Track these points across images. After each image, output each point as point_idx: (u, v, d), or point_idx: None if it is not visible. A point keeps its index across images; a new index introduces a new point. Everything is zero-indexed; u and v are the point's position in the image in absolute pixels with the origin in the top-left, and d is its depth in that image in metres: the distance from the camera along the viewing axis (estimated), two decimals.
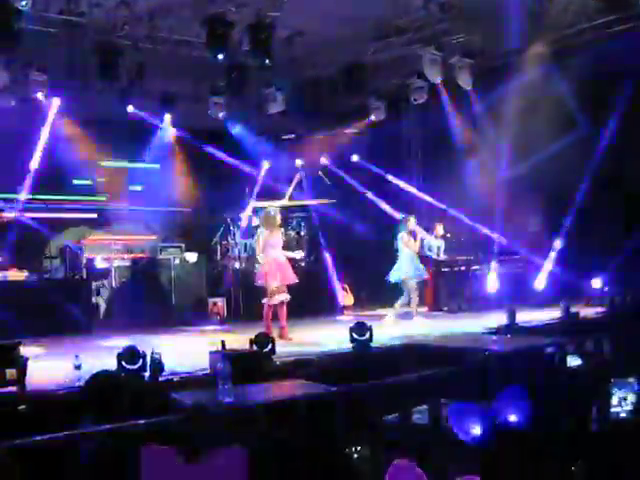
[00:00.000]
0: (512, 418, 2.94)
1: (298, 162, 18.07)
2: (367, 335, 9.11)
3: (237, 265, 15.33)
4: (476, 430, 2.93)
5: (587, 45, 13.42)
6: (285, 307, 11.38)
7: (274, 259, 11.32)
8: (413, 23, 13.96)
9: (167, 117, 16.07)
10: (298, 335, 11.37)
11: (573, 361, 7.70)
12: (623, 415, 4.65)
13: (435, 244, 15.13)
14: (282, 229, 12.25)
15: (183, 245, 15.23)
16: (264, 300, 11.37)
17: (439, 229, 15.32)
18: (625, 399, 4.75)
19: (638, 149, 14.07)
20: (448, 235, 15.43)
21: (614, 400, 4.75)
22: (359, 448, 4.69)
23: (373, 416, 5.47)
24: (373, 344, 9.14)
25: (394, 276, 13.38)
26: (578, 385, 5.85)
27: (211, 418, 4.40)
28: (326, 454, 4.21)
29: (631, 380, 4.77)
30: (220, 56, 12.36)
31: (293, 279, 11.50)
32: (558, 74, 13.72)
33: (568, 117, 13.99)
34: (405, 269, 13.33)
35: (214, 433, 4.07)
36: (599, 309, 12.82)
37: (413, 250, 13.50)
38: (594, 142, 13.87)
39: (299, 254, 12.99)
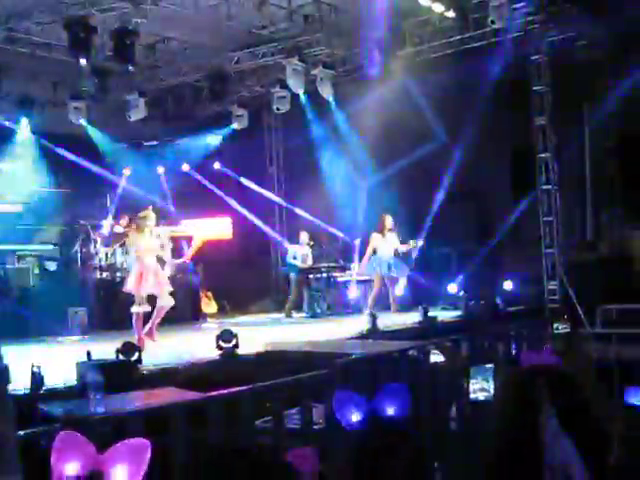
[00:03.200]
0: (390, 411, 3.09)
1: (160, 169, 17.87)
2: (233, 342, 9.17)
3: (98, 274, 15.02)
4: (356, 417, 3.07)
5: (444, 60, 14.03)
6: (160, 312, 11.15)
7: (145, 265, 10.98)
8: (277, 33, 14.17)
9: (24, 120, 15.55)
10: (163, 343, 11.24)
11: (435, 357, 8.04)
12: (482, 399, 4.90)
13: (300, 252, 15.39)
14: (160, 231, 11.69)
15: (44, 254, 14.81)
16: (133, 308, 11.06)
17: (304, 237, 15.55)
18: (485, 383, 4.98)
19: (490, 163, 14.87)
20: (312, 243, 15.68)
21: (475, 386, 4.97)
22: None
23: (246, 421, 5.55)
24: (239, 351, 9.21)
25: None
26: (439, 382, 6.14)
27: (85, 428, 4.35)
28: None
29: (489, 366, 5.01)
30: (83, 60, 12.13)
31: (164, 286, 11.16)
32: (415, 87, 14.26)
33: (425, 130, 14.54)
34: None
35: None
36: (455, 313, 13.38)
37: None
38: (451, 155, 14.47)
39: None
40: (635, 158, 14.39)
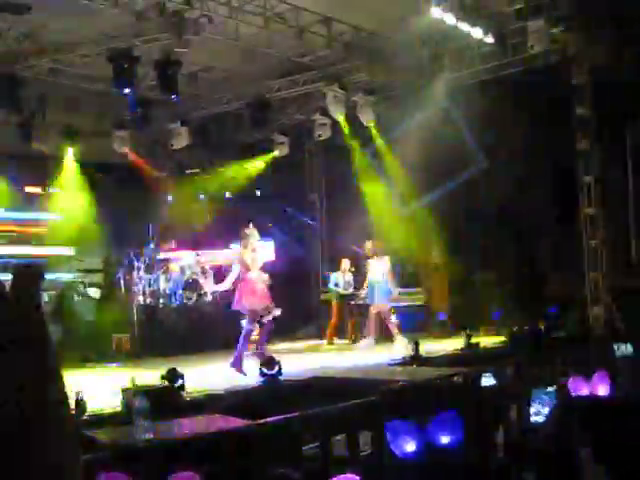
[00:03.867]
0: (444, 440, 3.08)
1: (202, 196, 18.04)
2: (277, 369, 9.20)
3: (141, 300, 15.14)
4: (410, 447, 3.07)
5: (483, 85, 14.03)
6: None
7: (253, 280, 11.01)
8: (317, 61, 14.29)
9: (70, 150, 15.82)
10: (206, 369, 11.28)
11: (487, 381, 7.99)
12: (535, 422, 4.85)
13: (342, 278, 15.40)
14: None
15: (86, 280, 15.00)
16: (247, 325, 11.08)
17: (345, 264, 15.55)
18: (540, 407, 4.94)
19: (532, 187, 14.80)
20: (353, 269, 15.68)
21: (533, 409, 4.92)
22: None
23: (293, 448, 5.55)
24: (282, 377, 9.23)
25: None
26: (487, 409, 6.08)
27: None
28: None
29: (549, 389, 4.98)
30: (126, 90, 12.35)
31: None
32: (456, 113, 14.27)
33: (466, 155, 14.53)
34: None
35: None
36: (498, 338, 13.26)
37: None
38: (492, 180, 14.41)
39: None
40: None
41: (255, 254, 11.13)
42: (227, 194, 18.11)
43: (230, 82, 15.14)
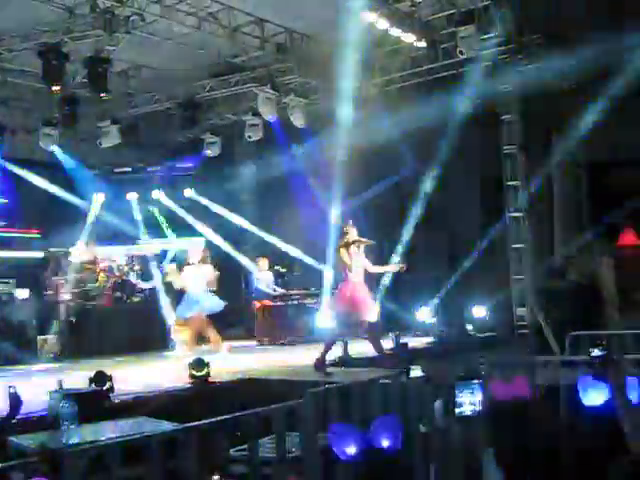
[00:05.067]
0: (384, 443, 3.13)
1: (131, 196, 17.82)
2: (205, 370, 9.16)
3: (70, 301, 14.86)
4: (352, 450, 3.11)
5: (414, 89, 14.22)
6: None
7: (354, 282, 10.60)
8: (249, 62, 14.28)
9: None
10: (133, 372, 11.17)
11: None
12: (468, 413, 4.91)
13: (263, 278, 15.41)
14: None
15: (13, 280, 14.69)
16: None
17: (262, 263, 15.56)
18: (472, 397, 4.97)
19: (460, 191, 15.03)
20: (279, 269, 15.70)
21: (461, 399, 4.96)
22: None
23: (221, 451, 5.55)
24: (212, 379, 9.20)
25: None
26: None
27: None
28: None
29: (475, 381, 5.03)
30: (55, 87, 12.15)
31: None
32: (386, 117, 14.41)
33: (397, 159, 14.68)
34: None
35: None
36: (427, 339, 13.44)
37: None
38: (421, 183, 14.60)
39: None
40: (602, 186, 14.65)
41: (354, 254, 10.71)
42: (156, 193, 17.90)
43: (161, 81, 15.01)
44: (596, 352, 4.50)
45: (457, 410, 4.79)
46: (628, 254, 15.32)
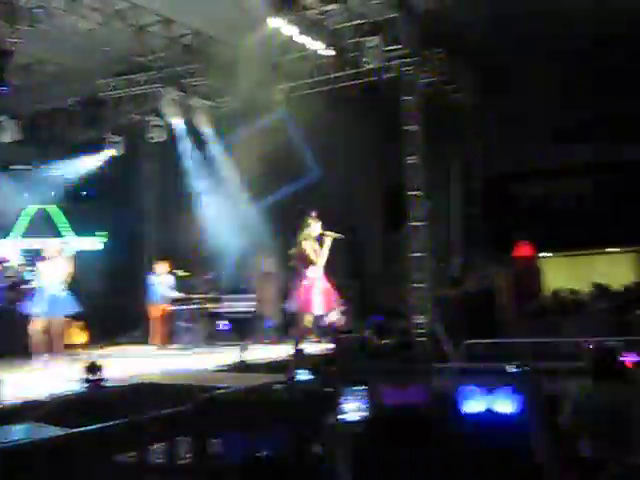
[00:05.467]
0: (273, 450, 3.12)
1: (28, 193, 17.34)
2: (100, 374, 8.97)
3: None
4: (241, 456, 3.08)
5: (321, 97, 14.32)
6: None
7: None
8: (155, 62, 14.11)
9: None
10: (22, 376, 10.83)
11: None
12: (356, 419, 4.91)
13: (163, 282, 15.21)
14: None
15: None
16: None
17: (161, 267, 15.36)
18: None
19: (363, 199, 15.21)
20: (179, 273, 15.52)
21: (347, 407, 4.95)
22: None
23: (109, 457, 5.45)
24: (106, 383, 9.02)
25: None
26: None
27: None
28: None
29: (361, 387, 5.01)
30: None
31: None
32: (292, 122, 14.48)
33: (301, 164, 14.75)
34: None
35: None
36: (326, 345, 13.49)
37: None
38: (325, 189, 14.71)
39: None
40: (499, 198, 15.05)
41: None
42: (55, 191, 17.49)
43: (64, 77, 14.66)
44: (512, 368, 4.60)
45: (346, 416, 4.81)
46: (523, 264, 15.81)
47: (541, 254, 17.43)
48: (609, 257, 20.71)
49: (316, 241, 10.27)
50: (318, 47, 13.49)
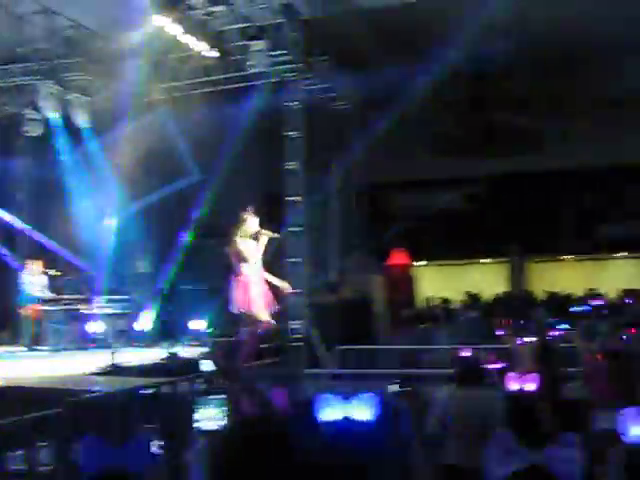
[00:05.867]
0: (134, 458, 3.02)
1: None
2: None
3: None
4: (100, 464, 2.97)
5: (203, 98, 14.21)
6: None
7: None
8: (34, 53, 13.66)
9: None
10: None
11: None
12: (214, 428, 4.85)
13: (35, 281, 14.71)
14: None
15: None
16: None
17: (34, 266, 14.85)
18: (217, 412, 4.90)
19: (241, 202, 15.12)
20: (51, 272, 15.05)
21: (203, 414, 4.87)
22: None
23: None
24: None
25: None
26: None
27: None
28: None
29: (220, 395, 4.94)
30: None
31: None
32: (174, 123, 14.30)
33: (181, 166, 14.59)
34: None
35: None
36: (202, 349, 13.36)
37: None
38: (204, 192, 14.59)
39: None
40: (376, 207, 15.32)
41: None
42: None
43: None
44: (395, 387, 4.67)
45: (201, 424, 4.76)
46: (398, 273, 16.14)
47: (416, 263, 17.86)
48: (481, 267, 21.47)
49: (252, 239, 10.11)
50: (202, 48, 13.39)
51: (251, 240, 10.18)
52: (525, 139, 17.83)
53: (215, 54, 13.61)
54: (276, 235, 10.39)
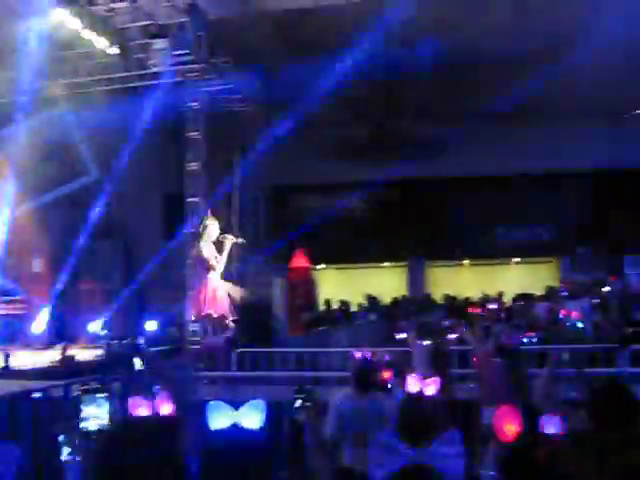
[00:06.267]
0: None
1: None
2: None
3: None
4: None
5: (104, 96, 13.91)
6: None
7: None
8: None
9: None
10: None
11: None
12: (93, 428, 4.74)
13: None
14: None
15: None
16: None
17: None
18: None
19: (141, 203, 14.94)
20: None
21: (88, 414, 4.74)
22: None
23: None
24: None
25: None
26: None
27: None
28: None
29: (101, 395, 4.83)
30: None
31: None
32: (73, 120, 13.96)
33: (79, 164, 14.25)
34: None
35: None
36: (97, 352, 13.11)
37: None
38: (102, 191, 14.29)
39: None
40: (279, 209, 15.32)
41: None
42: None
43: None
44: (299, 402, 4.67)
45: (83, 424, 4.65)
46: (299, 275, 16.17)
47: (317, 266, 17.94)
48: (382, 270, 21.73)
49: (214, 244, 9.86)
50: (104, 45, 13.14)
51: (213, 246, 9.96)
52: (428, 145, 18.13)
53: (116, 51, 13.36)
54: (240, 240, 10.26)
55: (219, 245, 9.93)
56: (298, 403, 4.38)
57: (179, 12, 13.09)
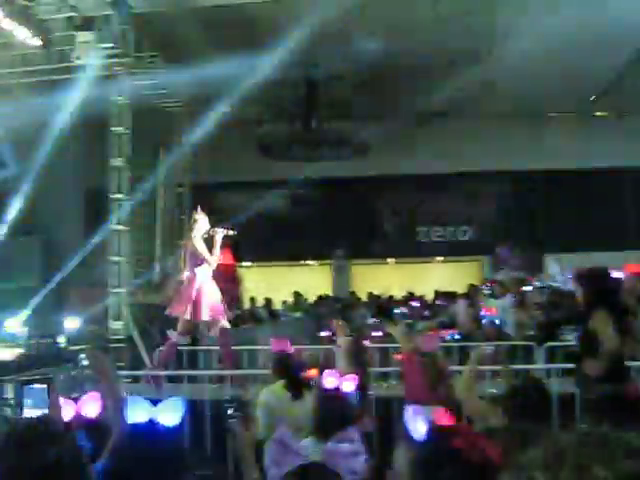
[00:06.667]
0: None
1: None
2: None
3: None
4: None
5: (27, 88, 13.63)
6: None
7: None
8: None
9: None
10: None
11: None
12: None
13: None
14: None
15: None
16: None
17: None
18: None
19: (62, 199, 14.66)
20: None
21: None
22: None
23: None
24: None
25: None
26: None
27: None
28: None
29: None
30: None
31: None
32: None
33: None
34: None
35: None
36: (16, 351, 12.80)
37: None
38: (20, 186, 13.97)
39: None
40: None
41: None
42: None
43: None
44: (230, 411, 4.62)
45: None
46: (223, 273, 16.07)
47: (241, 264, 17.89)
48: (306, 269, 21.84)
49: (205, 239, 9.64)
50: (25, 35, 12.83)
51: (199, 242, 9.77)
52: (351, 145, 18.29)
53: (38, 42, 13.06)
54: (231, 232, 10.03)
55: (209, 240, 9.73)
56: (230, 412, 4.37)
57: (105, 5, 12.87)
